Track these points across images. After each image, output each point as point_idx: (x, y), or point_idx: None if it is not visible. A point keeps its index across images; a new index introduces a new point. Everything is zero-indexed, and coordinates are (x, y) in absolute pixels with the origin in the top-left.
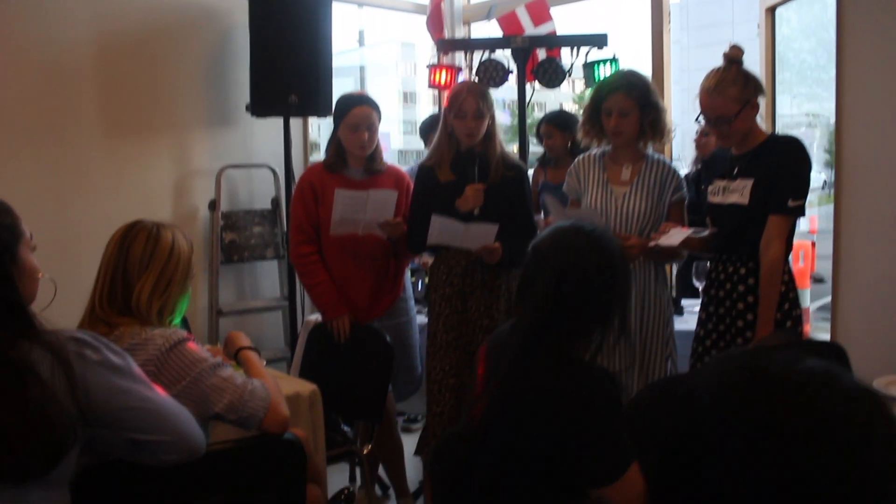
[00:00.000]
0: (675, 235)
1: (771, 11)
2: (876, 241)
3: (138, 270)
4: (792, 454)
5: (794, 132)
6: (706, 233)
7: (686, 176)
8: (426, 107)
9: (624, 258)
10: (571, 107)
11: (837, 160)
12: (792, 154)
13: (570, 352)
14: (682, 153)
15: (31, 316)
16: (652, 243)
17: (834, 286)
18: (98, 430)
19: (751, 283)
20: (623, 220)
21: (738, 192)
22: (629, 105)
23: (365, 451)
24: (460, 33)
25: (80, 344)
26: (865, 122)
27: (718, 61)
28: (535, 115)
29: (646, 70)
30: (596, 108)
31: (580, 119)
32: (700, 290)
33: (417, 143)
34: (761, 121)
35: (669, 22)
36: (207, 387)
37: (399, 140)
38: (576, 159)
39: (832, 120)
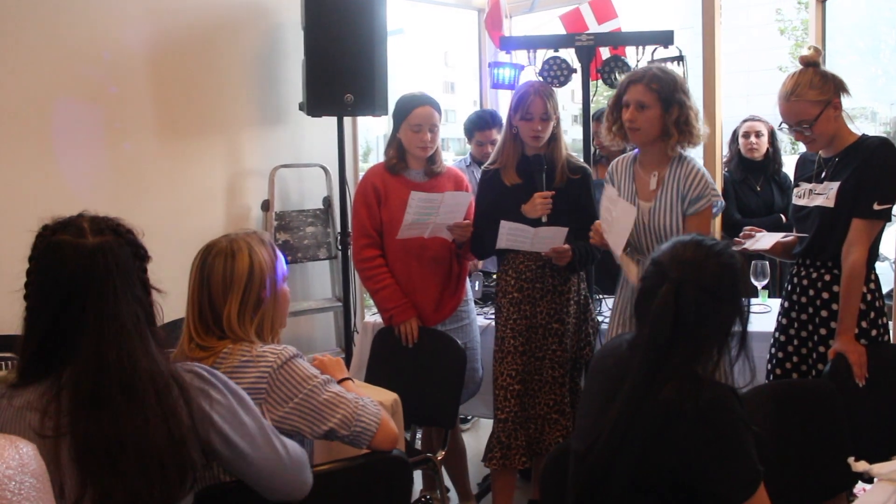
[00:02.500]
0: (764, 240)
1: (822, 2)
2: None
3: (222, 295)
4: None
5: None
6: (792, 237)
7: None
8: (464, 96)
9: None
10: None
11: None
12: (879, 155)
13: (693, 369)
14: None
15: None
16: (739, 248)
17: None
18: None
19: (836, 290)
20: (653, 238)
21: (824, 194)
22: (649, 98)
23: (439, 457)
24: (506, 27)
25: (201, 380)
26: None
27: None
28: None
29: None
30: (619, 101)
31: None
32: (759, 288)
33: (455, 132)
34: (849, 122)
35: (721, 16)
36: (320, 402)
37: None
38: (612, 162)
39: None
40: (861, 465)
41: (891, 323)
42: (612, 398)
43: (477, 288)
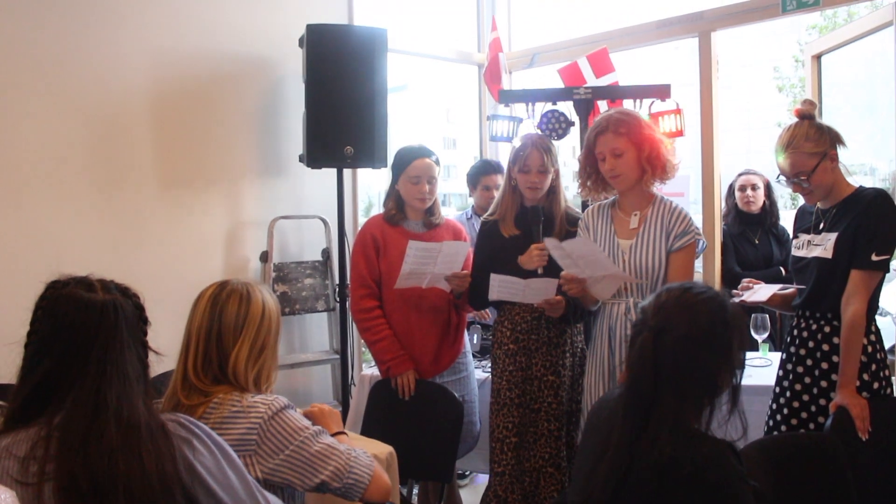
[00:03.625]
0: (762, 292)
1: (817, 59)
2: None
3: (232, 336)
4: None
5: None
6: (791, 289)
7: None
8: (465, 151)
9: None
10: None
11: None
12: (876, 206)
13: (684, 422)
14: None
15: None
16: (737, 300)
17: None
18: None
19: (836, 342)
20: (632, 275)
21: (822, 245)
22: (622, 143)
23: None
24: (505, 82)
25: (186, 430)
26: None
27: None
28: None
29: (697, 115)
30: (591, 156)
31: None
32: (759, 342)
33: (456, 188)
34: (847, 173)
35: (718, 71)
36: (312, 454)
37: (440, 184)
38: (585, 210)
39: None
40: None
41: (894, 378)
42: (604, 451)
43: (475, 341)
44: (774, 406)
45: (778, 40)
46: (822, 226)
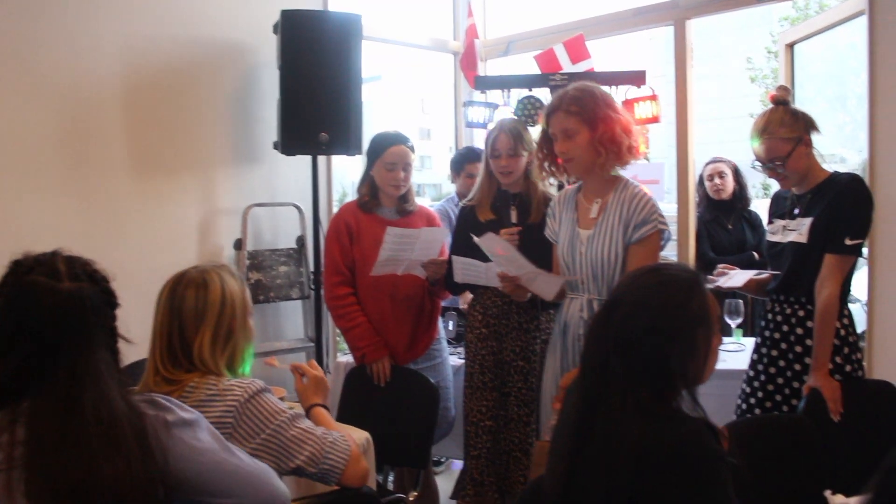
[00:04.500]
0: (737, 277)
1: (791, 48)
2: None
3: (194, 325)
4: None
5: None
6: (766, 274)
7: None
8: (440, 142)
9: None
10: None
11: None
12: (850, 191)
13: (643, 401)
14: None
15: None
16: (713, 285)
17: (869, 320)
18: (174, 494)
19: (809, 326)
20: (588, 268)
21: (797, 230)
22: (573, 123)
23: (411, 498)
24: (481, 69)
25: (157, 407)
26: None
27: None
28: None
29: (670, 105)
30: (547, 137)
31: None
32: (733, 327)
33: (431, 178)
34: (821, 159)
35: (693, 58)
36: (288, 439)
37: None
38: (555, 196)
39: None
40: (838, 499)
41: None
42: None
43: (451, 327)
44: (748, 389)
45: (750, 31)
46: (797, 211)
